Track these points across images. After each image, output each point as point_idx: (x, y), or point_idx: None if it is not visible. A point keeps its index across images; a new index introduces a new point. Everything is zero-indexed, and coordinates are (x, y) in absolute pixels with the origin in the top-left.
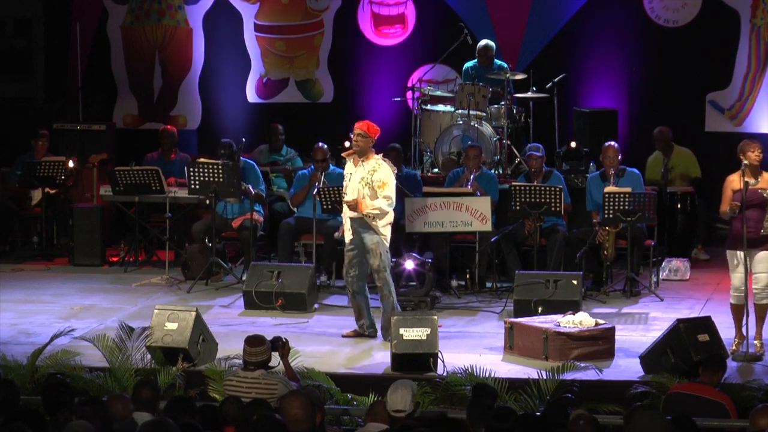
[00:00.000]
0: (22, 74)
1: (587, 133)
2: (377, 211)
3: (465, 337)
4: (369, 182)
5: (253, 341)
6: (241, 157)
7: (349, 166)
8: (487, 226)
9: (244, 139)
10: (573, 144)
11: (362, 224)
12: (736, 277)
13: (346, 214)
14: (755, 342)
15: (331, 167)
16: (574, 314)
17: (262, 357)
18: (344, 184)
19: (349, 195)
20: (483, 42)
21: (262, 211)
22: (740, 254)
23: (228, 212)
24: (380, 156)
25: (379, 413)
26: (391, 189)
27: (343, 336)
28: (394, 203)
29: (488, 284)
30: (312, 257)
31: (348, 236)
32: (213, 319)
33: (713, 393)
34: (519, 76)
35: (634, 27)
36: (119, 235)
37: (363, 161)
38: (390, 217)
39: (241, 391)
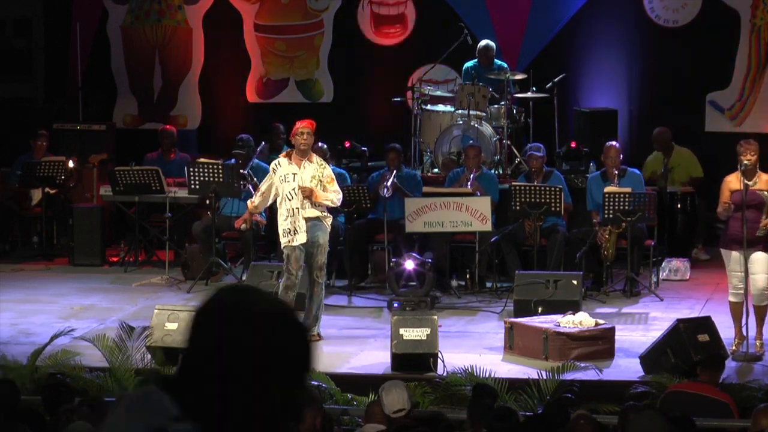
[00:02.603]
0: (22, 74)
1: (587, 133)
2: (329, 203)
3: (465, 337)
4: (320, 179)
5: None
6: (255, 159)
7: (288, 167)
8: (487, 226)
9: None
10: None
11: (316, 223)
12: (734, 275)
13: (300, 214)
14: (755, 342)
15: (331, 167)
16: (574, 314)
17: None
18: (280, 184)
19: (300, 196)
20: (483, 42)
21: (264, 214)
22: (733, 254)
23: (234, 210)
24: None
25: (376, 414)
26: (337, 184)
27: None
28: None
29: (488, 284)
30: None
31: (303, 237)
32: None
33: (716, 392)
34: (519, 76)
35: (634, 27)
36: (119, 235)
37: (307, 159)
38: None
39: None
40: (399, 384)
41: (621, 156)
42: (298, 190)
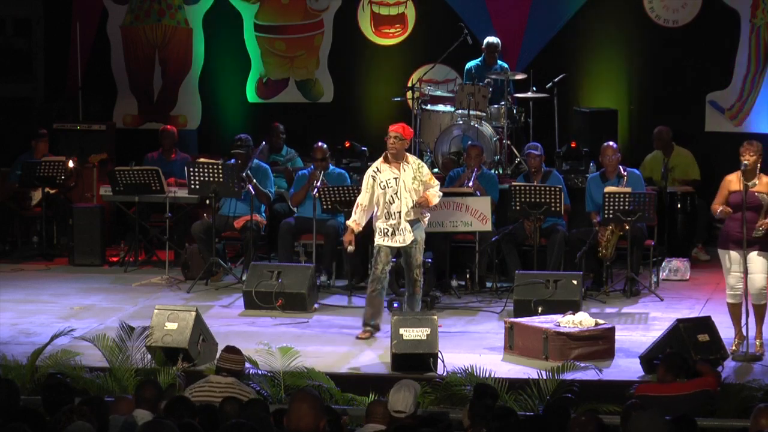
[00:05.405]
0: (22, 74)
1: (587, 133)
2: (437, 198)
3: (465, 337)
4: (421, 179)
5: (232, 349)
6: (255, 159)
7: (388, 172)
8: (487, 226)
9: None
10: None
11: (414, 222)
12: (731, 276)
13: (403, 218)
14: (755, 342)
15: (331, 167)
16: (574, 314)
17: (238, 366)
18: (380, 190)
19: (403, 199)
20: (493, 39)
21: (264, 214)
22: (731, 254)
23: (233, 210)
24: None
25: (377, 413)
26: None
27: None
28: None
29: (488, 284)
30: (312, 257)
31: (402, 239)
32: (213, 319)
33: (685, 387)
34: (519, 76)
35: (634, 27)
36: (119, 235)
37: (404, 161)
38: None
39: (213, 395)
40: (411, 387)
41: (618, 155)
42: (404, 195)
